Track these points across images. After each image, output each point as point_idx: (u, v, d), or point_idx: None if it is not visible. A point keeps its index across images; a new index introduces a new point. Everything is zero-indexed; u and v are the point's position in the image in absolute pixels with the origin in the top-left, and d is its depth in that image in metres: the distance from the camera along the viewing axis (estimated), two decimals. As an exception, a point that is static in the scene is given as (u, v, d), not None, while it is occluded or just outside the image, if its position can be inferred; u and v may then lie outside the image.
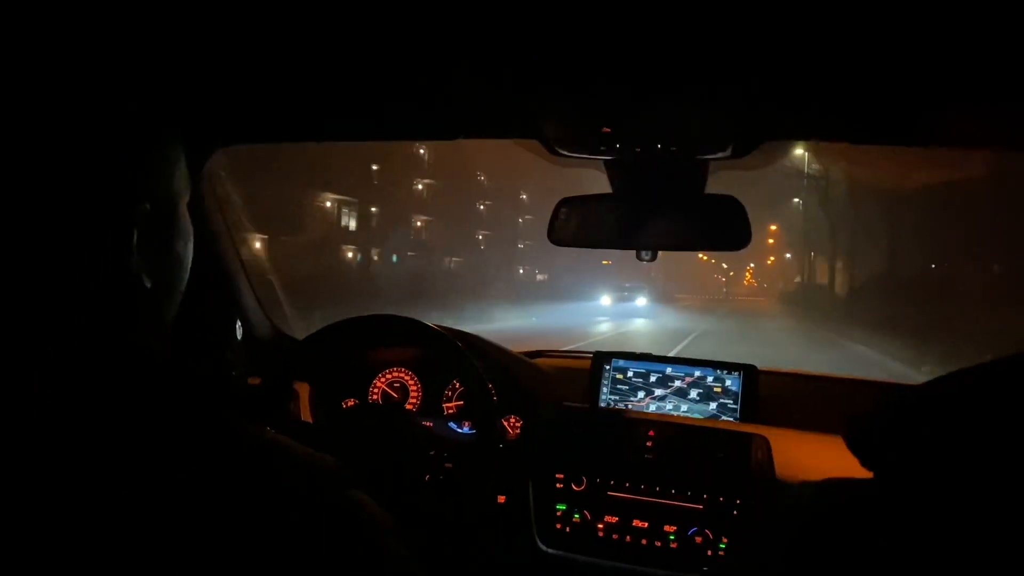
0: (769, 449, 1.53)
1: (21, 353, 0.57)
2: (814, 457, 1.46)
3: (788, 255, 76.51)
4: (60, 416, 0.55)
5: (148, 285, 0.65)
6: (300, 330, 2.00)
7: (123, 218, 0.62)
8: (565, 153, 1.31)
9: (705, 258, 79.73)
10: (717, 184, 1.39)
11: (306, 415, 1.80)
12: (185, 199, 0.70)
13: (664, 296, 49.91)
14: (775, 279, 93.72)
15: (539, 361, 2.00)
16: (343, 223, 29.36)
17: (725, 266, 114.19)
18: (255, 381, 1.78)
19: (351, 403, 1.86)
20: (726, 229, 1.38)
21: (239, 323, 1.74)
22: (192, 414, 0.61)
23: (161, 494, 0.55)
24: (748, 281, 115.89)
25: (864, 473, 0.60)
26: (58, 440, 0.54)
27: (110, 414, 0.57)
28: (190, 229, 0.71)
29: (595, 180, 1.46)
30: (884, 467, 0.56)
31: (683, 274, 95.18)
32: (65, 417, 0.55)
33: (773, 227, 68.37)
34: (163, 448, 0.57)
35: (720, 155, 1.26)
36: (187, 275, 0.71)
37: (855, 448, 0.58)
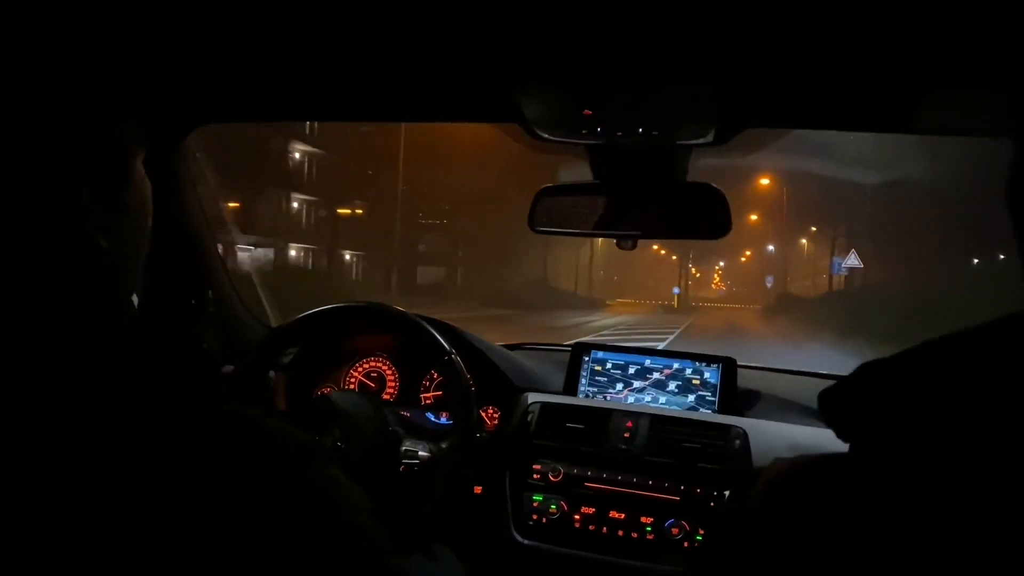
0: (746, 441, 1.53)
1: None
2: (792, 449, 1.46)
3: (771, 247, 63.55)
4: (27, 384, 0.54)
5: (104, 245, 0.63)
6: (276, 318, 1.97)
7: (73, 175, 0.61)
8: (547, 137, 1.29)
9: (664, 251, 67.29)
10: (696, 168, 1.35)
11: (281, 404, 1.77)
12: (140, 158, 0.68)
13: (587, 303, 40.43)
14: (752, 280, 76.50)
15: (519, 353, 1.99)
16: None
17: (691, 266, 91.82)
18: (229, 369, 1.75)
19: (327, 391, 1.83)
20: (707, 217, 1.38)
21: (211, 304, 1.71)
22: (163, 385, 0.60)
23: (135, 470, 0.54)
24: (716, 284, 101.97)
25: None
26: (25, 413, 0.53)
27: (76, 381, 0.56)
28: (147, 192, 0.70)
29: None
30: (859, 436, 0.55)
31: (631, 270, 79.58)
32: (35, 390, 0.54)
33: (753, 217, 57.65)
34: (133, 422, 0.56)
35: (702, 141, 1.26)
36: (146, 239, 0.69)
37: (828, 417, 0.57)
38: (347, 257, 35.55)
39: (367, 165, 30.58)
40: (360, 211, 34.68)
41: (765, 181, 40.02)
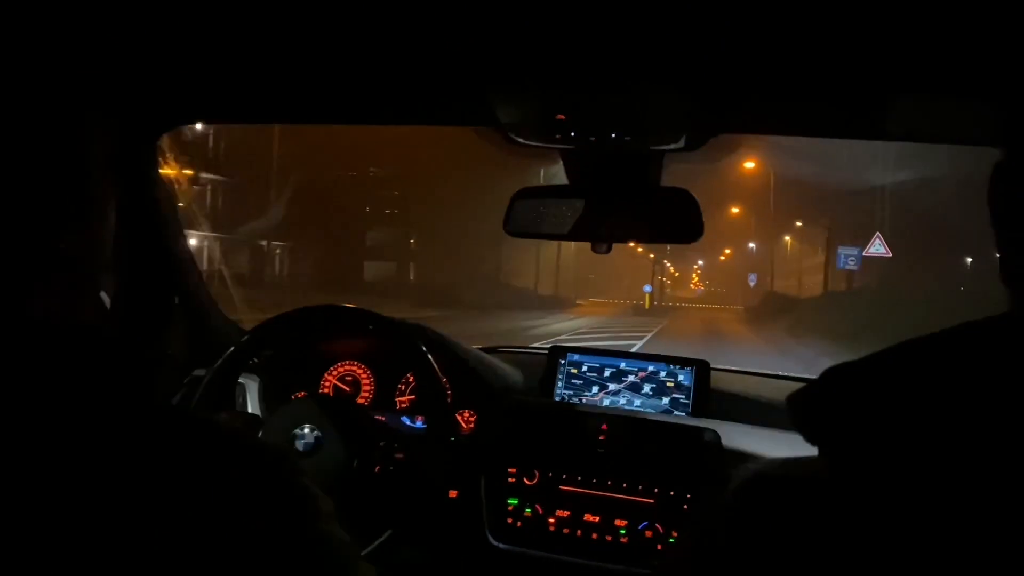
0: (719, 443, 1.54)
1: None
2: (764, 451, 1.47)
3: (753, 245, 60.49)
4: None
5: (65, 249, 0.62)
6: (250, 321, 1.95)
7: (34, 177, 0.60)
8: (521, 141, 1.30)
9: (642, 250, 62.50)
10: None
11: (254, 409, 1.76)
12: (103, 160, 0.67)
13: (551, 303, 36.69)
14: (732, 279, 74.34)
15: (495, 355, 1.99)
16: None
17: (668, 264, 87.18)
18: (200, 373, 1.73)
19: (301, 396, 1.82)
20: (679, 222, 1.38)
21: (181, 307, 1.69)
22: (130, 392, 0.59)
23: (97, 480, 0.53)
24: (695, 283, 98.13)
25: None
26: None
27: (40, 389, 0.55)
28: (111, 195, 0.69)
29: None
30: (826, 439, 0.55)
31: (608, 268, 75.33)
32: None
33: (735, 210, 55.22)
34: (97, 430, 0.55)
35: (674, 146, 1.26)
36: (109, 243, 0.68)
37: (796, 420, 0.57)
38: (273, 249, 29.88)
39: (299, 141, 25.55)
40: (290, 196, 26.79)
41: (750, 164, 35.07)
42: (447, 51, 1.09)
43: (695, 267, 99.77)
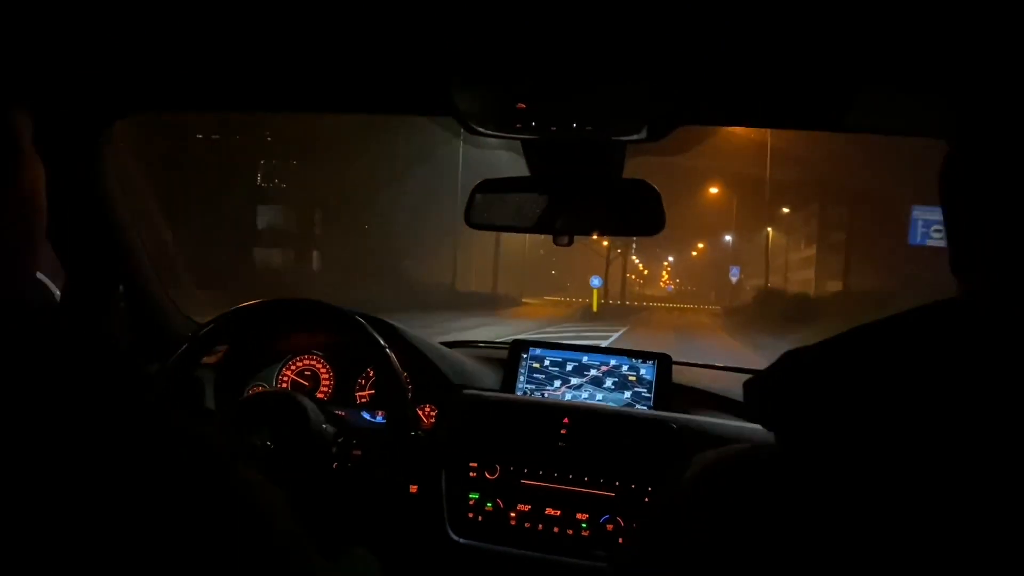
0: (680, 436, 1.54)
1: None
2: (724, 443, 1.48)
3: (729, 238, 52.54)
4: None
5: None
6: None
7: None
8: (481, 131, 1.28)
9: (606, 243, 49.18)
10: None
11: (210, 404, 1.72)
12: (29, 144, 0.65)
13: (481, 302, 29.15)
14: (707, 276, 66.32)
15: (457, 350, 1.97)
16: None
17: (635, 259, 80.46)
18: (154, 368, 1.69)
19: (257, 390, 1.79)
20: (641, 214, 1.38)
21: (129, 299, 1.65)
22: (76, 384, 0.57)
23: (46, 475, 0.51)
24: (664, 281, 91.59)
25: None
26: None
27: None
28: (40, 178, 0.66)
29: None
30: (781, 423, 0.55)
31: (574, 263, 67.88)
32: None
33: (714, 188, 44.62)
34: (42, 421, 0.53)
35: (635, 137, 1.26)
36: (41, 224, 0.66)
37: (752, 405, 0.57)
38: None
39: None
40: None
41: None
42: (406, 40, 1.07)
43: (665, 264, 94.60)
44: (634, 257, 78.50)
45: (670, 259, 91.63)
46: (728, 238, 54.65)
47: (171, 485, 0.55)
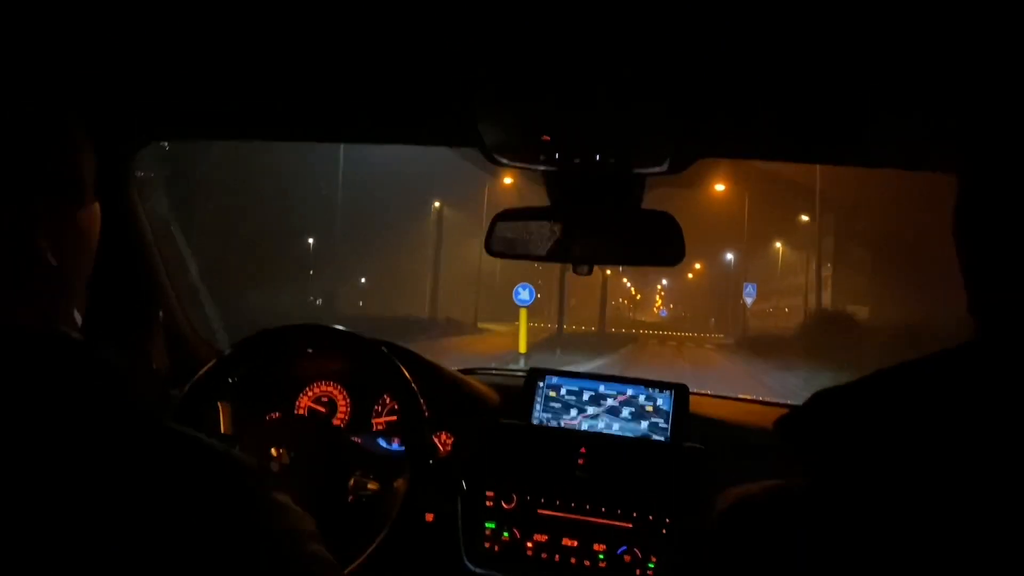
0: (697, 467, 1.54)
1: None
2: (742, 476, 1.47)
3: (730, 256, 44.60)
4: None
5: (54, 263, 0.61)
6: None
7: (26, 195, 0.59)
8: (505, 162, 1.30)
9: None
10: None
11: (228, 429, 1.72)
12: (91, 174, 0.67)
13: (434, 327, 25.80)
14: (705, 301, 60.22)
15: (473, 378, 1.97)
16: None
17: (627, 282, 75.05)
18: (176, 392, 1.70)
19: (275, 417, 1.79)
20: (661, 245, 1.39)
21: (159, 323, 1.66)
22: (111, 403, 0.58)
23: (82, 491, 0.52)
24: (657, 305, 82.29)
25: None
26: None
27: (27, 396, 0.54)
28: (97, 210, 0.68)
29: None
30: (815, 461, 0.56)
31: (547, 278, 55.84)
32: None
33: (719, 185, 30.21)
34: (79, 443, 0.55)
35: (656, 170, 1.27)
36: (92, 258, 0.68)
37: (786, 443, 0.58)
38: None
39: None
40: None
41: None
42: (433, 72, 1.09)
43: (658, 287, 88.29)
44: (625, 280, 74.69)
45: (664, 282, 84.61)
46: (730, 256, 47.72)
47: (204, 507, 0.56)
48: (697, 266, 64.30)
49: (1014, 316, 0.53)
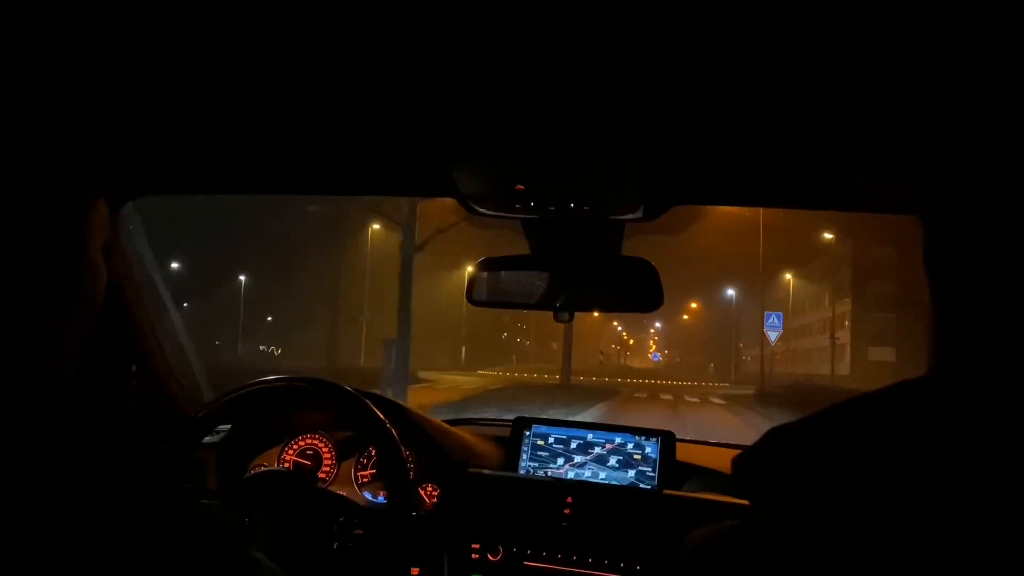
0: (686, 515, 1.52)
1: None
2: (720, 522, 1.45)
3: (732, 292, 40.85)
4: None
5: (58, 321, 0.63)
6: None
7: (30, 250, 0.61)
8: (482, 211, 1.32)
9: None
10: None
11: (213, 483, 1.71)
12: (99, 238, 0.69)
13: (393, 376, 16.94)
14: (704, 345, 54.77)
15: (460, 428, 1.96)
16: None
17: (617, 326, 71.04)
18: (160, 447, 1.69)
19: (259, 470, 1.78)
20: (639, 291, 1.40)
21: (139, 376, 1.66)
22: (92, 459, 0.58)
23: (60, 545, 0.52)
24: (652, 348, 79.77)
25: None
26: None
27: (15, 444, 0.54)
28: (102, 271, 0.70)
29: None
30: (769, 498, 0.56)
31: (552, 330, 49.76)
32: None
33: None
34: (57, 487, 0.54)
35: (632, 216, 1.29)
36: (94, 316, 0.69)
37: (741, 481, 0.58)
38: None
39: None
40: None
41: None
42: (409, 126, 1.12)
43: (652, 331, 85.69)
44: (616, 324, 71.62)
45: (657, 325, 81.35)
46: (731, 292, 42.81)
47: (181, 563, 0.56)
48: (693, 306, 60.44)
49: (978, 349, 0.54)
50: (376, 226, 29.46)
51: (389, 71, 0.94)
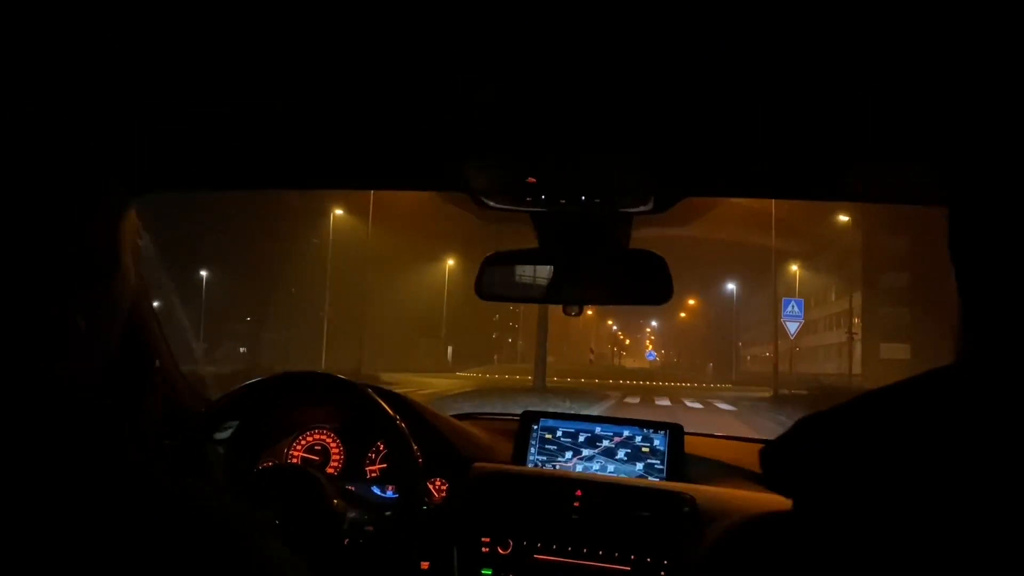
0: (695, 507, 1.52)
1: None
2: (739, 513, 1.46)
3: (731, 288, 38.92)
4: None
5: (82, 327, 0.63)
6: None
7: (61, 260, 0.61)
8: (492, 205, 1.32)
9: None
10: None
11: (221, 479, 1.71)
12: (127, 246, 0.69)
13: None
14: (702, 344, 53.00)
15: (468, 423, 1.96)
16: None
17: (612, 324, 69.52)
18: (168, 443, 1.69)
19: (268, 465, 1.78)
20: (648, 284, 1.40)
21: (157, 375, 1.66)
22: (105, 457, 0.58)
23: (76, 542, 0.52)
24: (648, 347, 77.42)
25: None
26: None
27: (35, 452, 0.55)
28: (131, 277, 0.70)
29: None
30: (798, 489, 0.56)
31: (522, 318, 49.03)
32: None
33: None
34: (78, 489, 0.54)
35: (642, 209, 1.29)
36: (120, 322, 0.69)
37: (769, 472, 0.58)
38: None
39: None
40: None
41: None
42: (421, 120, 1.11)
43: (648, 330, 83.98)
44: (610, 322, 71.39)
45: (653, 324, 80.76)
46: (731, 287, 40.09)
47: (196, 557, 0.56)
48: (690, 303, 57.74)
49: (1005, 339, 0.54)
50: (339, 211, 28.79)
51: (402, 68, 0.93)
